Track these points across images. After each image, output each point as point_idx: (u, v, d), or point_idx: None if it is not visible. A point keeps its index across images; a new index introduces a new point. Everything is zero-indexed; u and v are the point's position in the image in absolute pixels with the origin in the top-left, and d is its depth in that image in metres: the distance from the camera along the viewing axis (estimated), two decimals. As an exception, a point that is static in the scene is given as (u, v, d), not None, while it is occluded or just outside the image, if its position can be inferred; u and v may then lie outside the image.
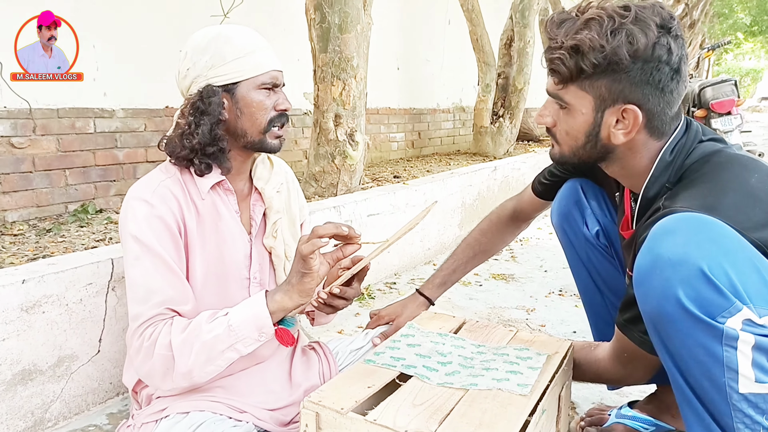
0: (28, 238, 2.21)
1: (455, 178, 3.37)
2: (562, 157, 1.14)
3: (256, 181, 1.26)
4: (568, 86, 1.05)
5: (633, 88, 1.00)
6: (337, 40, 2.79)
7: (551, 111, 1.11)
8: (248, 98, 1.15)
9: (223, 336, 1.04)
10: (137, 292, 1.08)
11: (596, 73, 1.00)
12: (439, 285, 1.54)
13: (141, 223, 1.09)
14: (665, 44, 0.98)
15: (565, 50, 1.01)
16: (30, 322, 1.35)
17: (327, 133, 2.90)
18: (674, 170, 1.06)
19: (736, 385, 0.84)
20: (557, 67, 1.04)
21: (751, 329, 0.82)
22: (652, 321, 0.92)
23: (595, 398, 1.60)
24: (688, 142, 1.07)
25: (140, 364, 1.07)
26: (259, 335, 1.06)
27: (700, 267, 0.83)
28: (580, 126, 1.07)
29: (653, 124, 1.04)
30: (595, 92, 1.02)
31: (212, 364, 1.05)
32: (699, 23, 11.34)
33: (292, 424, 1.23)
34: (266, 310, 1.06)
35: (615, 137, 1.05)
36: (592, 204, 1.38)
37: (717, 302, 0.83)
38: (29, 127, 2.51)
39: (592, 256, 1.39)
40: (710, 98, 5.14)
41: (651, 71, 0.99)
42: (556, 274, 2.85)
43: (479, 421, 0.91)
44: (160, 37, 2.94)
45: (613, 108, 1.03)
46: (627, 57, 0.97)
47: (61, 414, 1.44)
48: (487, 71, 5.14)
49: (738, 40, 19.14)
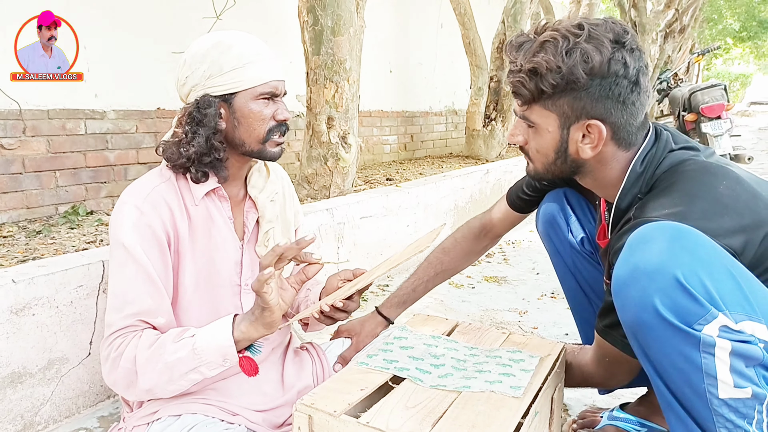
0: (17, 239, 2.20)
1: (447, 181, 3.37)
2: (537, 174, 1.17)
3: (251, 189, 1.25)
4: (532, 107, 1.08)
5: (594, 104, 1.03)
6: (329, 43, 2.80)
7: (521, 130, 1.14)
8: (246, 109, 1.14)
9: (187, 359, 1.04)
10: (114, 300, 1.09)
11: (556, 93, 1.03)
12: (397, 304, 1.52)
13: (129, 230, 1.09)
14: (620, 59, 1.00)
15: (524, 73, 1.05)
16: (19, 324, 1.34)
17: (320, 135, 2.90)
18: (645, 181, 1.08)
19: (716, 391, 0.85)
20: (519, 90, 1.07)
21: (728, 335, 0.83)
22: (631, 330, 0.93)
23: (587, 400, 1.61)
24: (659, 152, 1.09)
25: (106, 373, 1.08)
26: (223, 361, 1.06)
27: (676, 276, 0.85)
28: (549, 143, 1.10)
29: (620, 136, 1.07)
30: (559, 110, 1.05)
31: (174, 383, 1.05)
32: (689, 28, 11.43)
33: (285, 426, 1.23)
34: (231, 338, 1.04)
35: (583, 152, 1.08)
36: (577, 212, 1.40)
37: (693, 310, 0.84)
38: (19, 128, 2.50)
39: (577, 262, 1.41)
40: (700, 102, 5.19)
41: (609, 86, 1.01)
42: (548, 276, 2.86)
43: (472, 423, 0.91)
44: (152, 38, 2.93)
45: (578, 124, 1.05)
46: (583, 75, 1.00)
47: (51, 417, 1.43)
48: (480, 75, 5.16)
49: (727, 46, 19.33)
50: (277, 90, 1.17)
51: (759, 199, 0.98)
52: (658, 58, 10.60)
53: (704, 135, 5.14)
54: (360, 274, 1.21)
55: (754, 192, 0.99)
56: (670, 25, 10.77)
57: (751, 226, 0.94)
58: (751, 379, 0.84)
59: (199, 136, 1.12)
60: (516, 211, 1.51)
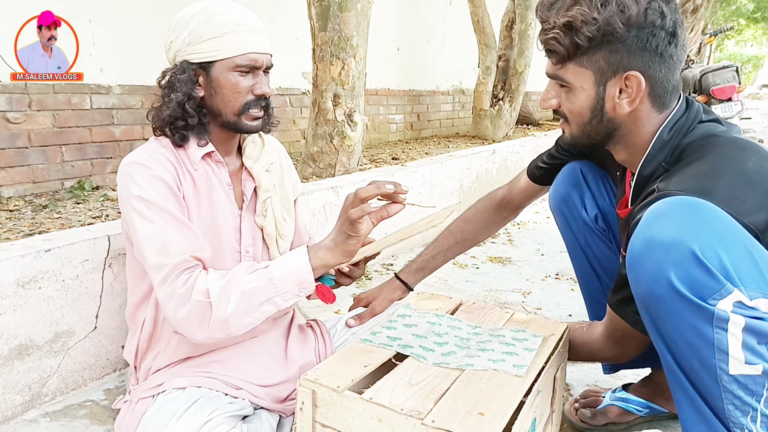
0: (24, 214, 2.20)
1: (454, 161, 3.35)
2: (573, 139, 1.14)
3: (245, 160, 1.25)
4: (566, 65, 1.05)
5: (631, 57, 1.00)
6: (336, 19, 2.76)
7: (554, 93, 1.11)
8: (222, 79, 1.14)
9: (263, 288, 1.03)
10: (154, 245, 1.06)
11: (592, 47, 1.00)
12: (416, 270, 1.52)
13: (142, 183, 1.08)
14: (657, 8, 0.98)
15: (559, 29, 1.01)
16: (26, 297, 1.35)
17: (326, 113, 2.88)
18: (671, 149, 1.06)
19: (726, 367, 0.85)
20: (553, 47, 1.04)
21: (742, 311, 0.83)
22: (643, 303, 0.92)
23: (590, 380, 1.61)
24: (688, 122, 1.07)
25: (173, 311, 1.04)
26: (299, 290, 1.05)
27: (692, 250, 0.84)
28: (584, 102, 1.06)
29: (656, 92, 1.04)
30: (594, 66, 1.02)
31: (250, 315, 1.04)
32: (702, 8, 11.24)
33: (288, 401, 1.24)
34: (309, 265, 1.05)
35: (620, 107, 1.05)
36: (592, 187, 1.38)
37: (708, 284, 0.83)
38: (25, 102, 2.49)
39: (590, 240, 1.39)
40: (711, 84, 5.12)
41: (647, 37, 0.98)
42: (552, 257, 2.85)
43: (474, 401, 0.91)
44: (157, 12, 2.90)
45: (615, 79, 1.02)
46: (621, 26, 0.97)
47: (58, 389, 1.45)
48: (488, 53, 5.10)
49: (740, 27, 19.02)
50: (257, 63, 1.15)
51: None
52: (669, 38, 10.43)
53: (715, 115, 5.08)
54: (368, 243, 1.22)
55: None
56: (682, 5, 10.59)
57: None
58: (763, 356, 0.84)
59: (172, 100, 1.13)
60: (535, 182, 1.50)
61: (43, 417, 1.38)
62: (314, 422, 0.97)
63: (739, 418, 0.86)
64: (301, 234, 1.46)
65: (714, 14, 13.69)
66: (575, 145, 1.20)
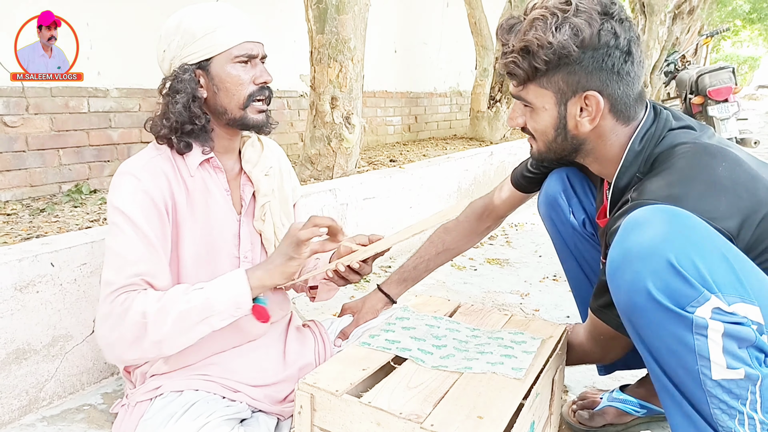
0: (21, 217, 2.20)
1: (451, 163, 3.36)
2: (540, 155, 1.18)
3: (245, 164, 1.25)
4: (527, 86, 1.09)
5: (589, 77, 1.03)
6: (334, 21, 2.76)
7: (519, 112, 1.15)
8: (223, 74, 1.14)
9: (200, 308, 1.04)
10: (113, 260, 1.08)
11: (550, 69, 1.04)
12: (398, 281, 1.53)
13: (126, 196, 1.09)
14: (610, 29, 1.01)
15: (517, 53, 1.05)
16: (24, 301, 1.35)
17: (323, 115, 2.88)
18: (644, 159, 1.08)
19: (709, 372, 0.86)
20: (513, 71, 1.08)
21: (720, 317, 0.84)
22: (625, 313, 0.94)
23: (588, 381, 1.62)
24: (658, 131, 1.09)
25: (108, 330, 1.05)
26: (236, 310, 1.07)
27: (668, 259, 0.85)
28: (547, 122, 1.10)
29: (617, 108, 1.07)
30: (554, 87, 1.06)
31: (184, 335, 1.05)
32: (698, 9, 11.26)
33: (286, 402, 1.24)
34: (247, 286, 1.07)
35: (582, 126, 1.08)
36: (578, 193, 1.40)
37: (685, 293, 0.84)
38: (22, 105, 2.48)
39: (579, 244, 1.41)
40: (707, 85, 5.14)
41: (602, 57, 1.02)
42: (550, 259, 2.86)
43: (473, 405, 0.91)
44: (155, 15, 2.90)
45: (575, 98, 1.06)
46: (575, 49, 1.00)
47: (55, 393, 1.45)
48: (485, 55, 5.10)
49: (736, 28, 19.07)
50: (253, 51, 1.16)
51: (758, 181, 0.98)
52: (666, 39, 10.45)
53: (711, 118, 5.10)
54: (376, 240, 1.22)
55: (753, 174, 0.98)
56: (678, 6, 10.61)
57: (749, 208, 0.94)
58: (744, 360, 0.85)
59: (177, 103, 1.13)
60: (520, 191, 1.51)
61: (40, 421, 1.38)
62: (312, 426, 0.97)
63: (726, 421, 0.87)
64: None
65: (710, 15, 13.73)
66: (543, 161, 1.25)
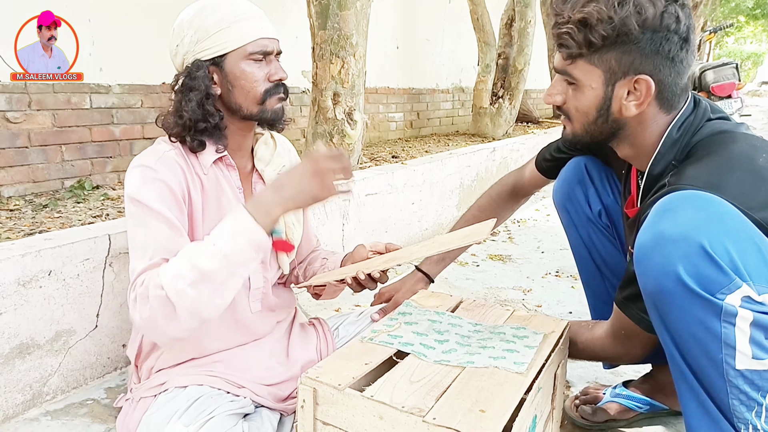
0: (24, 213, 2.20)
1: (454, 159, 3.35)
2: (575, 137, 1.13)
3: (257, 163, 1.24)
4: (576, 61, 1.03)
5: (643, 59, 0.99)
6: (336, 17, 2.76)
7: (560, 89, 1.09)
8: (237, 70, 1.12)
9: (221, 266, 0.98)
10: (136, 250, 1.06)
11: (605, 46, 0.99)
12: (437, 261, 1.54)
13: (141, 186, 1.07)
14: (673, 13, 0.97)
15: (573, 24, 1.00)
16: (27, 296, 1.35)
17: (325, 111, 2.88)
18: (681, 148, 1.05)
19: (733, 362, 0.85)
20: (566, 42, 1.02)
21: (750, 306, 0.83)
22: (651, 297, 0.92)
23: (590, 377, 1.62)
24: (696, 120, 1.06)
25: (138, 315, 1.00)
26: (257, 252, 1.01)
27: (701, 244, 0.83)
28: (591, 101, 1.05)
29: (664, 96, 1.03)
30: (605, 66, 1.01)
31: (218, 296, 0.99)
32: (701, 5, 11.22)
33: (290, 400, 1.24)
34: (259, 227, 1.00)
35: (627, 109, 1.04)
36: (596, 183, 1.38)
37: (717, 279, 0.83)
38: (24, 101, 2.49)
39: (593, 235, 1.39)
40: (711, 81, 5.13)
41: (660, 41, 0.98)
42: (552, 255, 2.86)
43: (476, 399, 0.91)
44: (157, 11, 2.90)
45: (624, 80, 1.02)
46: (636, 27, 0.96)
47: (59, 388, 1.45)
48: (488, 51, 5.09)
49: (740, 24, 19.00)
50: (267, 48, 1.14)
51: None
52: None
53: (719, 111, 5.08)
54: (393, 249, 1.22)
55: None
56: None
57: None
58: None
59: (192, 100, 1.11)
60: (542, 173, 1.51)
61: (44, 416, 1.39)
62: (315, 420, 0.97)
63: (743, 413, 0.86)
64: (309, 238, 1.47)
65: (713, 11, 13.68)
66: (576, 143, 1.18)
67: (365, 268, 1.19)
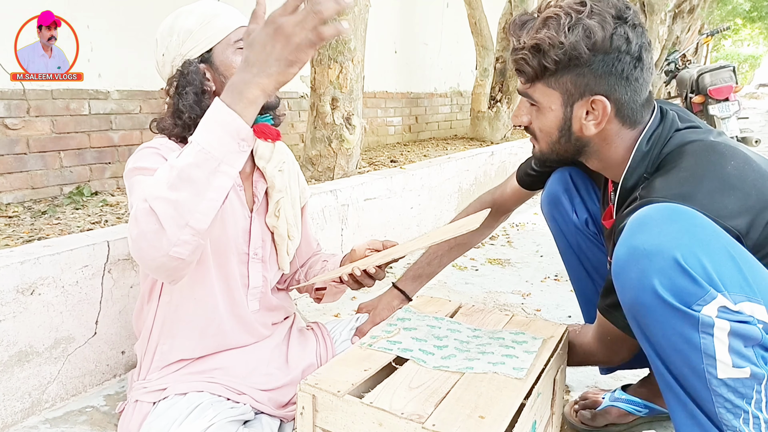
0: (23, 220, 2.20)
1: (452, 163, 3.36)
2: (542, 155, 1.17)
3: (258, 161, 1.25)
4: (535, 84, 1.08)
5: (597, 80, 1.03)
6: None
7: (525, 110, 1.14)
8: (227, 61, 1.15)
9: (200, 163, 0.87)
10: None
11: (559, 70, 1.03)
12: (413, 278, 1.54)
13: (141, 158, 1.09)
14: (623, 34, 1.00)
15: (527, 50, 1.05)
16: (26, 303, 1.35)
17: (324, 116, 2.89)
18: (651, 160, 1.08)
19: (714, 371, 0.86)
20: (522, 68, 1.07)
21: (727, 316, 0.84)
22: (630, 311, 0.93)
23: (589, 382, 1.62)
24: (665, 132, 1.08)
25: (131, 238, 0.91)
26: (240, 142, 0.89)
27: (674, 257, 0.85)
28: (552, 122, 1.10)
29: (623, 113, 1.07)
30: (562, 88, 1.05)
31: (202, 198, 0.88)
32: (698, 9, 11.25)
33: (290, 406, 1.24)
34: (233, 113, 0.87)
35: (587, 129, 1.08)
36: (581, 192, 1.40)
37: (692, 291, 0.84)
38: (23, 108, 2.49)
39: (581, 243, 1.41)
40: (708, 84, 5.14)
41: (612, 62, 1.01)
42: (551, 259, 2.86)
43: (475, 405, 0.92)
44: (155, 17, 2.90)
45: (581, 101, 1.05)
46: (586, 51, 1.00)
47: (58, 395, 1.45)
48: (485, 55, 5.10)
49: (737, 26, 19.07)
50: None
51: (767, 180, 0.97)
52: (666, 38, 10.45)
53: (712, 117, 5.10)
54: (390, 246, 1.22)
55: (762, 172, 0.98)
56: (679, 5, 10.60)
57: (758, 206, 0.94)
58: (750, 359, 0.85)
59: (188, 96, 1.13)
60: (524, 188, 1.51)
61: (43, 423, 1.38)
62: (315, 427, 0.97)
63: (731, 420, 0.87)
64: (309, 241, 1.47)
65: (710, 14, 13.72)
66: (545, 161, 1.23)
67: (362, 266, 1.19)
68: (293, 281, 1.45)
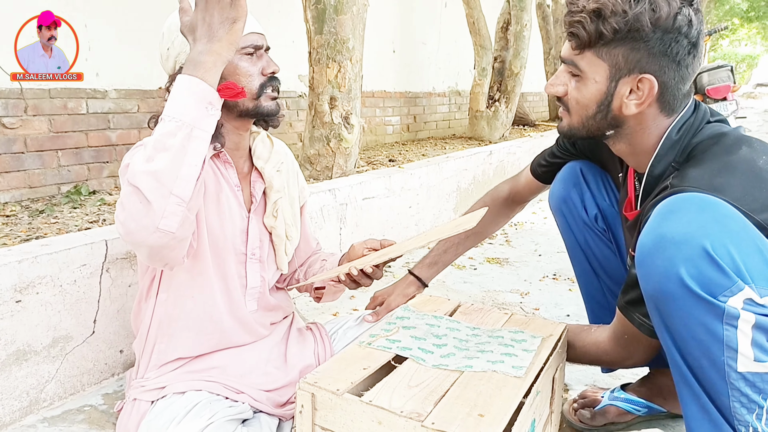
0: (20, 219, 2.20)
1: (450, 162, 3.36)
2: (570, 130, 1.12)
3: (256, 161, 1.25)
4: (584, 52, 1.03)
5: (650, 59, 0.99)
6: (332, 22, 2.76)
7: (563, 80, 1.09)
8: (230, 67, 1.13)
9: (172, 131, 0.91)
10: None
11: (615, 40, 0.99)
12: (429, 264, 1.53)
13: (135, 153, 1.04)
14: (687, 15, 0.96)
15: (587, 13, 0.99)
16: (24, 302, 1.35)
17: (322, 115, 2.88)
18: (681, 149, 1.05)
19: (734, 364, 0.85)
20: (577, 31, 1.02)
21: (752, 309, 0.83)
22: (653, 300, 0.92)
23: (588, 380, 1.62)
24: (696, 122, 1.06)
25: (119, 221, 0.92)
26: (208, 105, 0.93)
27: (704, 246, 0.84)
28: (592, 95, 1.05)
29: (665, 98, 1.03)
30: (612, 60, 1.01)
31: (182, 164, 0.90)
32: (696, 8, 11.27)
33: (288, 405, 1.24)
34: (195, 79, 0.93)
35: (627, 108, 1.04)
36: (591, 187, 1.38)
37: (719, 281, 0.83)
38: (20, 107, 2.48)
39: (589, 239, 1.39)
40: (706, 84, 5.14)
41: (670, 42, 0.97)
42: (550, 258, 2.86)
43: (474, 403, 0.91)
44: (153, 16, 2.90)
45: (628, 78, 1.01)
46: (648, 24, 0.96)
47: (56, 394, 1.44)
48: (484, 55, 5.11)
49: (734, 26, 19.10)
50: (257, 42, 1.15)
51: None
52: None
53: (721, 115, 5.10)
54: (388, 245, 1.22)
55: None
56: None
57: None
58: None
59: None
60: (537, 180, 1.51)
61: (41, 422, 1.38)
62: (314, 425, 0.97)
63: (744, 415, 0.86)
64: (308, 240, 1.47)
65: (708, 14, 13.75)
66: (571, 136, 1.17)
67: (359, 265, 1.19)
68: (293, 280, 1.45)
